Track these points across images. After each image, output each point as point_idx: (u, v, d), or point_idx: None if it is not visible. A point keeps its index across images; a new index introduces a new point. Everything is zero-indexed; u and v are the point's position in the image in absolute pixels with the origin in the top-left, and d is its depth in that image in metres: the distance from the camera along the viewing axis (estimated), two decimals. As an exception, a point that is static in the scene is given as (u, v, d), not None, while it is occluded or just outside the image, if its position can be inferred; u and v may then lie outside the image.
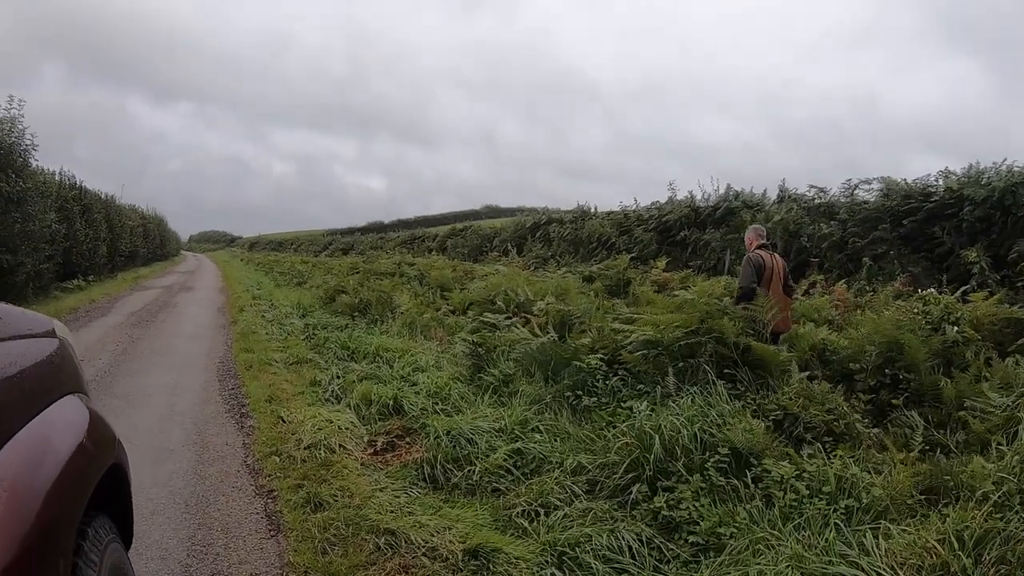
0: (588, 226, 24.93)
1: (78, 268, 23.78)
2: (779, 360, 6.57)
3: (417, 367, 8.44)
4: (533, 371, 7.27)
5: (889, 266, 13.86)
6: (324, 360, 9.61)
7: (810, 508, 4.27)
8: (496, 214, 71.47)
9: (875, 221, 15.03)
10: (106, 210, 29.47)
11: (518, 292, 10.86)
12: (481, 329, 9.33)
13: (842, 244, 15.31)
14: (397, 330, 11.20)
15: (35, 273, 17.83)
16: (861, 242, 14.85)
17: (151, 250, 46.40)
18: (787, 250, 15.68)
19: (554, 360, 7.20)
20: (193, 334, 13.21)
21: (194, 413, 7.37)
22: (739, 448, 5.00)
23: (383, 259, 27.84)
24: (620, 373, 6.79)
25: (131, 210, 39.90)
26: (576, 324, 8.80)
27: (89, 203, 26.30)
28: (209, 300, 21.07)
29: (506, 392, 7.09)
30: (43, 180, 19.66)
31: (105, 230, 28.18)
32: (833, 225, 15.81)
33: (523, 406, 6.53)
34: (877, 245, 14.52)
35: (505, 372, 7.43)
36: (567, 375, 6.96)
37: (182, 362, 10.19)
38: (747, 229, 8.92)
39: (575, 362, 6.96)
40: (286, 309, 15.81)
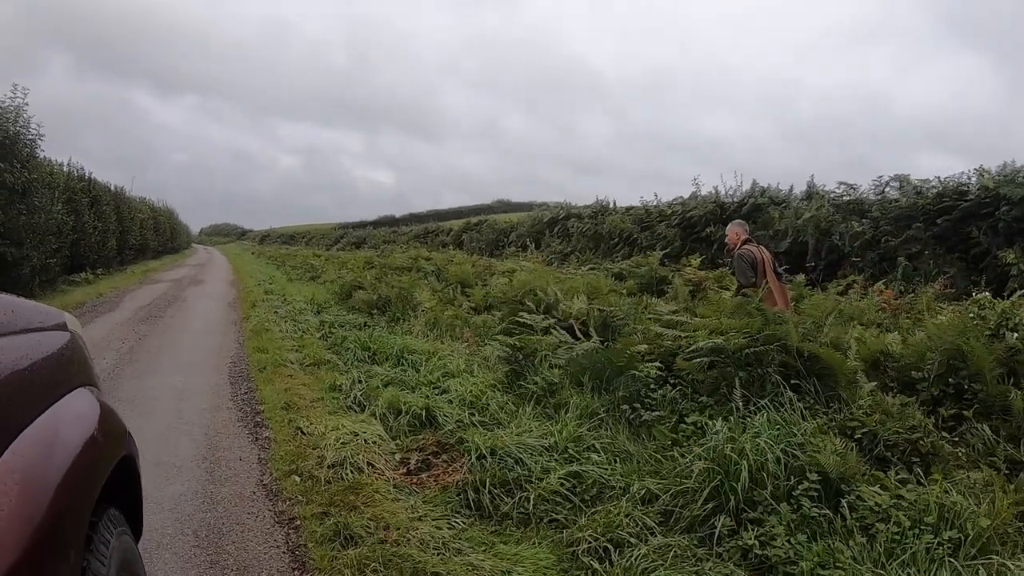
0: (608, 221, 24.39)
1: (86, 261, 23.35)
2: (846, 369, 5.98)
3: (447, 372, 7.74)
4: (583, 380, 6.56)
5: (924, 266, 13.37)
6: (343, 362, 8.96)
7: (914, 542, 3.75)
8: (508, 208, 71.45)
9: (908, 220, 14.58)
10: (115, 202, 29.08)
11: (548, 291, 10.19)
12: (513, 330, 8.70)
13: (874, 243, 14.81)
14: (420, 330, 10.50)
15: (41, 266, 17.35)
16: (894, 241, 14.37)
17: (161, 243, 46.12)
18: (818, 248, 15.34)
19: (608, 368, 6.51)
20: (203, 331, 12.56)
21: (204, 421, 6.70)
22: (828, 473, 4.39)
23: (398, 253, 27.35)
24: (673, 383, 6.19)
25: (141, 202, 39.54)
26: (618, 327, 8.15)
27: (98, 195, 25.90)
28: (220, 294, 20.44)
29: (551, 403, 6.37)
30: (50, 171, 19.25)
31: (114, 222, 27.80)
32: (864, 223, 15.30)
33: (574, 420, 5.82)
34: (911, 244, 14.05)
35: (549, 380, 6.72)
36: (621, 385, 6.27)
37: (191, 362, 9.53)
38: (730, 224, 8.96)
39: (631, 371, 6.29)
40: (300, 305, 15.15)
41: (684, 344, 6.66)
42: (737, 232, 8.62)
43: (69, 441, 2.03)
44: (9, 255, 15.11)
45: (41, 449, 1.87)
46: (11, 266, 15.32)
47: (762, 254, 8.15)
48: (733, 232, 8.74)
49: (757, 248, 8.25)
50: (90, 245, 23.63)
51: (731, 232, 8.80)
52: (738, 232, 8.61)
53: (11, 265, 15.31)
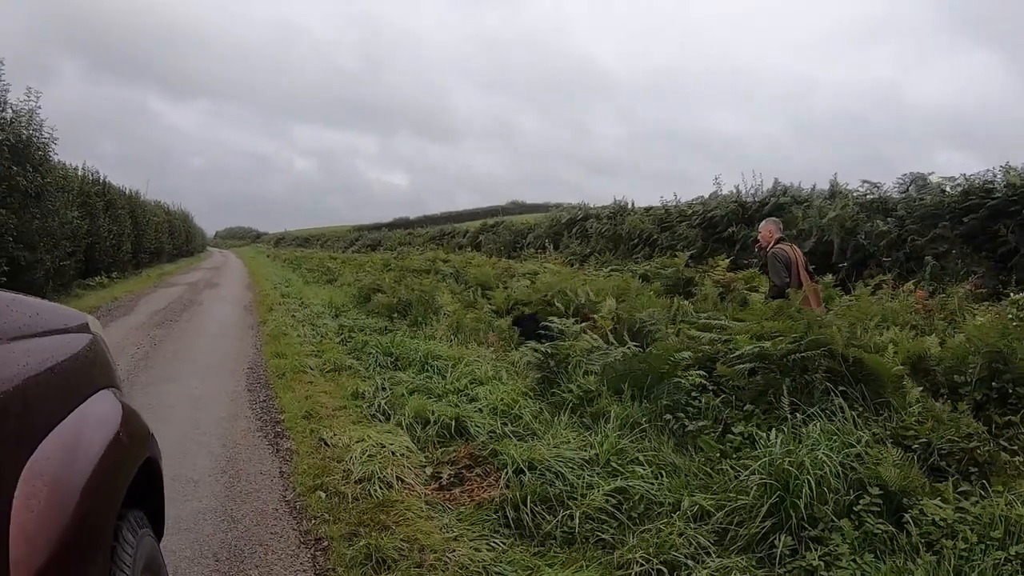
0: (628, 222, 24.01)
1: (101, 265, 23.23)
2: (892, 374, 5.66)
3: (474, 378, 7.42)
4: (622, 387, 6.21)
5: (952, 266, 12.95)
6: (365, 368, 8.66)
7: (982, 559, 3.50)
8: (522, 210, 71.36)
9: (934, 218, 14.12)
10: (130, 206, 29.03)
11: (577, 293, 9.88)
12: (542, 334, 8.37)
13: (900, 242, 14.43)
14: (443, 334, 10.16)
15: (55, 270, 17.19)
16: (921, 240, 13.96)
17: (177, 246, 46.06)
18: (843, 248, 14.94)
19: (648, 375, 6.17)
20: (219, 335, 12.29)
21: (222, 431, 6.39)
22: (889, 486, 4.09)
23: (415, 255, 27.10)
24: (713, 389, 5.88)
25: (156, 206, 39.50)
26: (652, 331, 7.83)
27: (113, 199, 25.82)
28: (235, 298, 20.20)
29: (588, 412, 6.03)
30: (64, 175, 19.14)
31: (129, 226, 27.74)
32: (890, 222, 14.94)
33: (615, 431, 5.48)
34: (938, 243, 13.61)
35: (584, 388, 6.38)
36: (662, 393, 5.95)
37: (207, 368, 9.24)
38: (763, 222, 8.82)
39: (673, 378, 5.96)
40: (318, 308, 14.87)
41: (722, 349, 6.41)
42: (771, 230, 8.46)
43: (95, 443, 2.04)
44: (22, 259, 14.91)
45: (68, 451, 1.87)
46: (24, 270, 15.11)
47: (795, 253, 8.05)
48: (766, 230, 8.56)
49: (790, 247, 8.14)
50: (105, 249, 23.50)
51: (764, 230, 8.62)
52: (771, 230, 8.45)
53: (24, 269, 15.09)
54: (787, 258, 7.96)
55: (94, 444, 2.03)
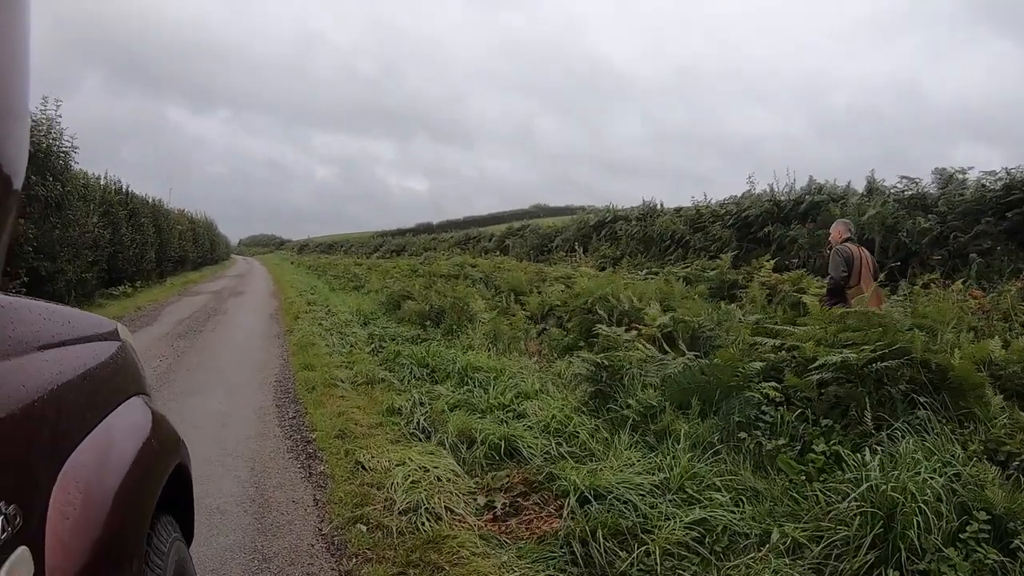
0: (659, 223, 23.60)
1: (124, 274, 22.88)
2: (974, 382, 5.16)
3: (520, 392, 6.90)
4: (689, 402, 5.67)
5: (997, 263, 12.66)
6: (399, 380, 8.17)
7: None
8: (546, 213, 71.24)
9: (976, 214, 13.91)
10: (153, 214, 28.70)
11: (620, 298, 9.36)
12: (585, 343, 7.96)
13: (942, 239, 14.10)
14: (480, 343, 9.66)
15: (77, 280, 16.85)
16: (964, 237, 13.66)
17: (201, 254, 45.79)
18: (885, 246, 14.56)
19: (716, 388, 5.64)
20: (244, 346, 11.80)
21: (249, 453, 5.89)
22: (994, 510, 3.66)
23: (442, 260, 26.67)
24: (781, 401, 5.39)
25: (180, 214, 39.18)
26: (708, 338, 7.33)
27: (136, 207, 25.47)
28: (261, 306, 19.77)
29: (651, 430, 5.49)
30: (85, 184, 18.84)
31: (153, 234, 27.40)
32: (931, 219, 14.54)
33: (685, 452, 4.94)
34: (981, 240, 13.33)
35: (645, 403, 5.83)
36: (734, 408, 5.42)
37: (233, 382, 8.74)
38: (835, 222, 8.93)
39: (744, 391, 5.44)
40: (345, 316, 14.44)
41: (785, 357, 6.05)
42: (840, 231, 8.56)
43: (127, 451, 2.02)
44: (43, 269, 14.57)
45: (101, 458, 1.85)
46: (45, 280, 14.78)
47: (862, 254, 8.09)
48: (836, 231, 8.67)
49: (858, 248, 8.17)
50: (128, 258, 23.17)
51: (834, 231, 8.73)
52: (841, 231, 8.55)
53: (45, 279, 14.76)
54: (850, 255, 7.98)
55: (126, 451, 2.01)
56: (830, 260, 8.31)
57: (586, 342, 8.75)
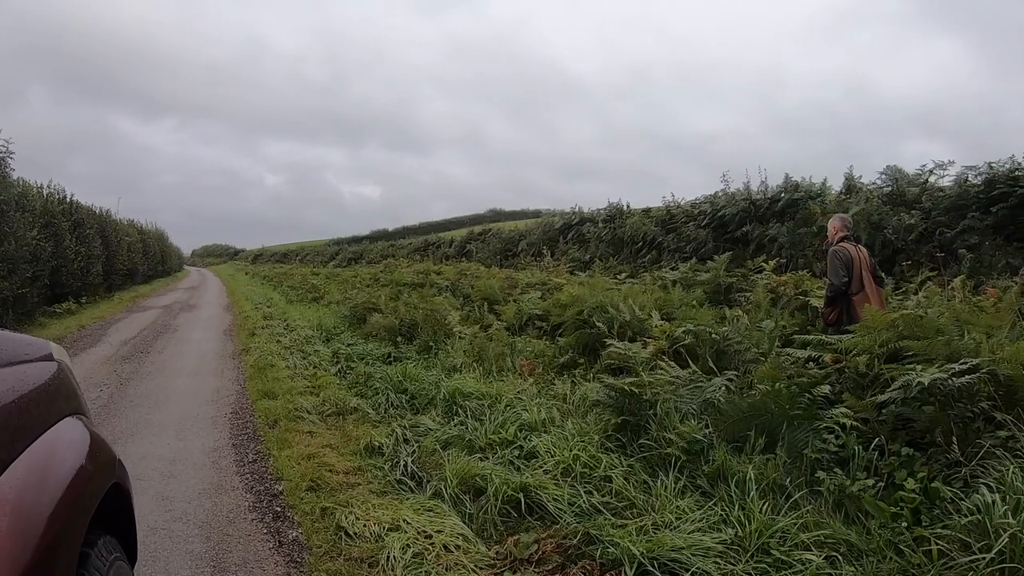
0: (629, 224, 23.02)
1: (69, 289, 21.59)
2: None
3: (524, 424, 5.88)
4: (742, 435, 4.76)
5: (986, 258, 12.48)
6: (374, 409, 7.17)
7: None
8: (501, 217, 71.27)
9: (961, 209, 13.75)
10: (100, 225, 27.35)
11: (620, 308, 8.40)
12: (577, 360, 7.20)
13: (927, 235, 13.87)
14: (463, 361, 8.62)
15: (14, 298, 15.53)
16: (950, 232, 13.49)
17: (151, 266, 44.23)
18: (871, 243, 13.95)
19: (774, 417, 4.70)
20: (196, 370, 10.60)
21: (203, 515, 4.78)
22: None
23: (403, 268, 25.65)
24: (843, 426, 4.62)
25: (128, 225, 37.75)
26: (737, 353, 6.41)
27: (81, 218, 24.14)
28: (214, 321, 18.49)
29: (703, 472, 4.53)
30: (23, 193, 17.53)
31: (99, 247, 26.05)
32: (914, 215, 14.35)
33: (755, 499, 3.99)
34: (968, 235, 13.19)
35: (688, 436, 4.83)
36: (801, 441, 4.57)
37: (183, 415, 7.59)
38: (832, 217, 8.42)
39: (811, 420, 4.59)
40: (305, 332, 13.35)
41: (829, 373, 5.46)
42: (836, 226, 8.02)
43: (59, 470, 2.06)
44: (-26, 286, 13.25)
45: (30, 479, 1.90)
46: (-23, 299, 13.44)
47: (859, 253, 7.58)
48: (832, 226, 8.13)
49: (855, 247, 7.65)
50: (72, 272, 21.85)
51: (830, 226, 8.19)
52: (836, 227, 8.01)
53: (-23, 297, 13.43)
54: (848, 257, 7.44)
55: (57, 471, 2.04)
56: (828, 265, 7.69)
57: (587, 359, 7.83)
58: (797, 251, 16.00)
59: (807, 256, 15.58)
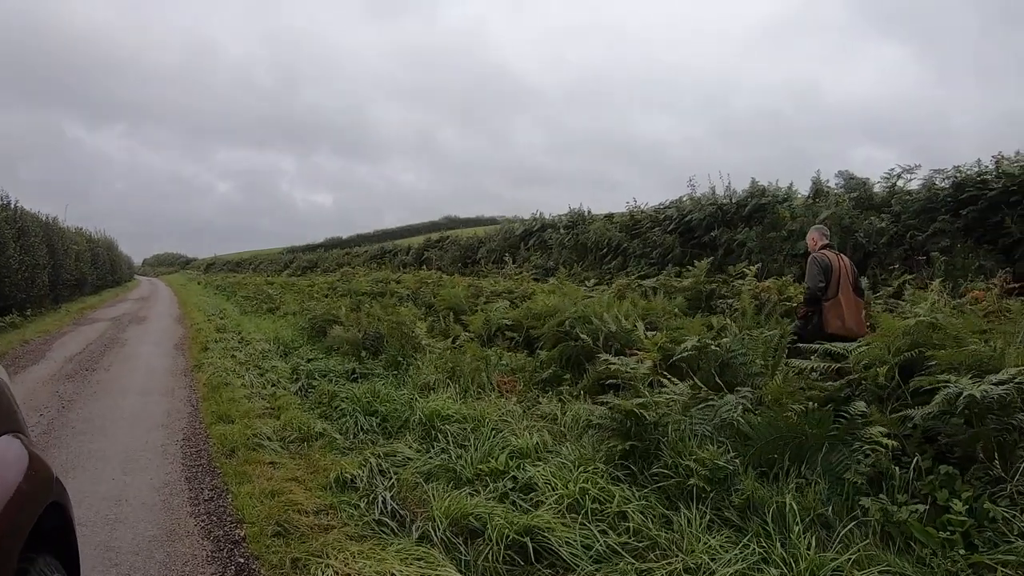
0: (593, 230, 22.74)
1: (12, 301, 20.71)
2: None
3: (515, 450, 5.30)
4: (770, 459, 4.31)
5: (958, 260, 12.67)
6: (342, 434, 6.55)
7: None
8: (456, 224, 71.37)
9: (931, 212, 13.99)
10: (47, 233, 26.30)
11: (605, 318, 7.85)
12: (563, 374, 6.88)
13: (898, 239, 14.11)
14: (436, 378, 7.99)
15: (-52, 314, 14.64)
16: (921, 235, 13.68)
17: (100, 276, 43.00)
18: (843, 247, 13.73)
19: (818, 439, 4.21)
20: (145, 389, 9.82)
21: (156, 569, 4.12)
22: None
23: (361, 277, 25.02)
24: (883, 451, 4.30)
25: (77, 233, 36.57)
26: (742, 366, 5.91)
27: (26, 225, 23.07)
28: (165, 334, 17.60)
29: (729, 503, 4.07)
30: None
31: (45, 256, 25.05)
32: (884, 218, 14.48)
33: (799, 534, 3.54)
34: (939, 238, 13.38)
35: (709, 463, 4.31)
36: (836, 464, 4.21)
37: (130, 444, 6.86)
38: (811, 229, 8.60)
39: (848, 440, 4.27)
40: (262, 346, 12.66)
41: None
42: (815, 238, 8.27)
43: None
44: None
45: None
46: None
47: (841, 262, 7.70)
48: (811, 238, 8.35)
49: (838, 256, 7.81)
50: (16, 283, 20.96)
51: (809, 238, 8.41)
52: (815, 238, 8.26)
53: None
54: (828, 264, 7.59)
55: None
56: (807, 269, 7.80)
57: (573, 374, 7.29)
58: (767, 256, 15.86)
59: (778, 261, 15.51)
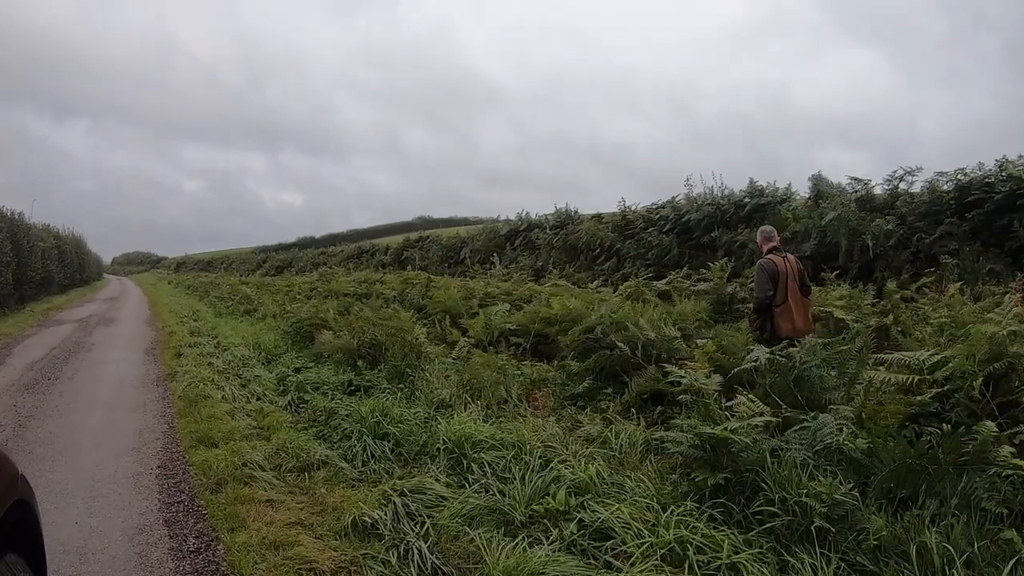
0: (585, 230, 21.93)
1: (-27, 302, 19.31)
2: None
3: (571, 483, 4.41)
4: (891, 491, 3.64)
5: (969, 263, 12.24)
6: (348, 461, 5.59)
7: None
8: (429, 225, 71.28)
9: (936, 215, 13.66)
10: (11, 229, 25.17)
11: (642, 324, 6.95)
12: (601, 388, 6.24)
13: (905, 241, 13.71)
14: (452, 393, 7.01)
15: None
16: (928, 238, 13.30)
17: (68, 275, 41.66)
18: (850, 250, 14.03)
19: (951, 468, 3.61)
20: (113, 402, 8.72)
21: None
22: None
23: (341, 277, 23.89)
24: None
25: (44, 230, 35.24)
26: (816, 378, 5.23)
27: (-13, 221, 21.78)
28: (135, 338, 16.43)
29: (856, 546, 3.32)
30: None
31: (10, 253, 23.98)
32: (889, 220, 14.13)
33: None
34: (946, 241, 13.01)
35: (827, 499, 3.49)
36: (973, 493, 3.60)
37: (97, 473, 5.80)
38: (758, 231, 8.74)
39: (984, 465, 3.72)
40: (241, 352, 11.63)
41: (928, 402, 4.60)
42: (760, 240, 8.36)
43: None
44: None
45: None
46: None
47: (787, 265, 7.74)
48: (759, 240, 8.45)
49: (783, 258, 7.87)
50: (-24, 282, 19.58)
51: (759, 239, 8.48)
52: (760, 240, 8.34)
53: None
54: (774, 269, 7.62)
55: None
56: (755, 278, 7.92)
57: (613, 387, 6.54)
58: None
59: None
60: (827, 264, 13.70)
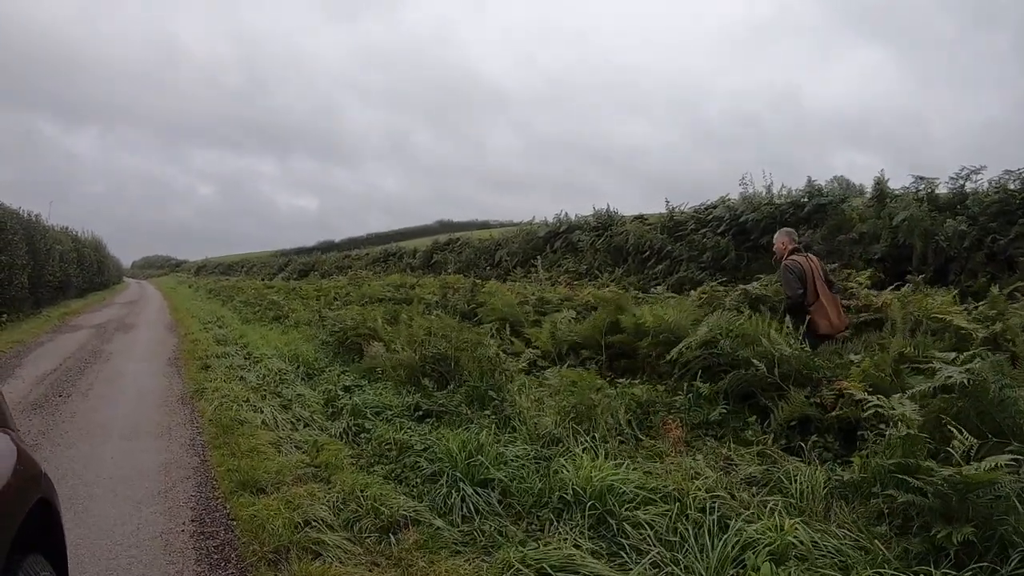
0: (633, 232, 20.77)
1: (-13, 304, 18.39)
2: None
3: (771, 548, 3.20)
4: None
5: None
6: (442, 516, 4.30)
7: None
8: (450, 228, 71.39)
9: (1008, 215, 13.05)
10: (27, 231, 24.12)
11: (773, 339, 5.72)
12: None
13: (978, 243, 13.11)
14: (554, 420, 5.67)
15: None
16: (1003, 239, 12.70)
17: (87, 278, 40.74)
18: (924, 251, 13.55)
19: None
20: (133, 427, 7.41)
21: None
22: None
23: (373, 282, 22.70)
24: None
25: (62, 232, 34.26)
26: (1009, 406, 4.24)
27: (4, 222, 21.03)
28: (155, 346, 15.26)
29: None
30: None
31: (25, 255, 22.86)
32: (961, 220, 13.48)
33: None
34: (1020, 242, 12.43)
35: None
36: None
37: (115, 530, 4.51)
38: (777, 233, 8.78)
39: None
40: (276, 364, 10.27)
41: None
42: (784, 242, 8.42)
43: None
44: None
45: None
46: None
47: (810, 264, 7.87)
48: (780, 242, 8.51)
49: (805, 258, 8.03)
50: (-8, 285, 18.76)
51: (778, 241, 8.56)
52: (785, 242, 8.40)
53: None
54: (801, 269, 7.74)
55: None
56: (782, 279, 8.00)
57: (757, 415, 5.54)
58: (837, 260, 14.37)
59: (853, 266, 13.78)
60: (899, 267, 13.31)
